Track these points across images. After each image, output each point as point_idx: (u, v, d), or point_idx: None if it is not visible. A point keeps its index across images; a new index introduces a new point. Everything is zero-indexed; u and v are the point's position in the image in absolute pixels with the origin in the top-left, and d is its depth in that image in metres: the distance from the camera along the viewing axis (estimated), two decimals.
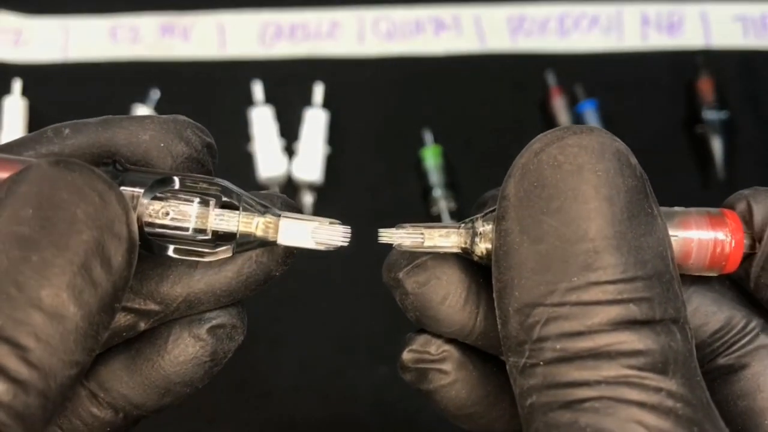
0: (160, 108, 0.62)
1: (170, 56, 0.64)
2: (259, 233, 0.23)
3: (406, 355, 0.25)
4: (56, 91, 0.63)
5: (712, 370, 0.24)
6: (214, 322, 0.24)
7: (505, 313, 0.21)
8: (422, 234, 0.24)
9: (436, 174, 0.59)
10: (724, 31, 0.63)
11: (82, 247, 0.19)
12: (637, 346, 0.20)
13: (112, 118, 0.24)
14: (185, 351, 0.24)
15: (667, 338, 0.20)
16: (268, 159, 0.60)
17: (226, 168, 0.65)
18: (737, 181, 0.59)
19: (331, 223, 0.24)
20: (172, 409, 0.25)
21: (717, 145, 0.59)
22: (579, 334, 0.20)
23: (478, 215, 0.24)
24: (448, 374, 0.25)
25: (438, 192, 0.58)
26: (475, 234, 0.23)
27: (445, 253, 0.24)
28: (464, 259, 0.24)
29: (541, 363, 0.20)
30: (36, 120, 0.62)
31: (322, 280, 0.57)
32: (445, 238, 0.24)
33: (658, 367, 0.19)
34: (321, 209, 0.60)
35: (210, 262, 0.24)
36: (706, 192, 0.59)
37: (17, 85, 0.62)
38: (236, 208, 0.23)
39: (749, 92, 0.62)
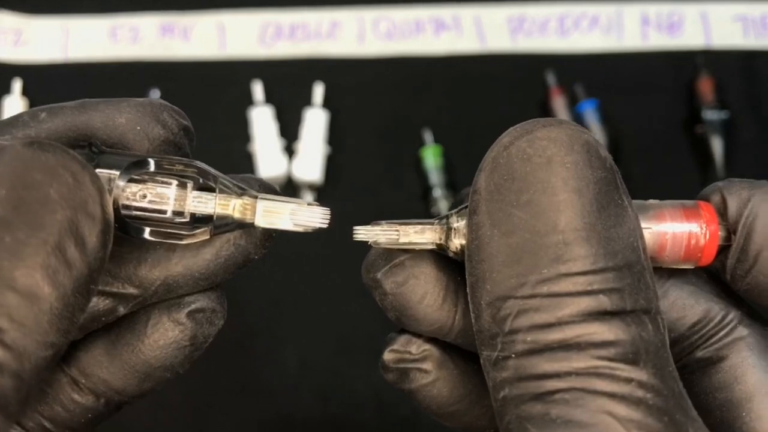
0: None
1: (170, 56, 0.64)
2: (237, 215, 0.23)
3: (387, 355, 0.26)
4: (56, 91, 0.63)
5: (691, 363, 0.24)
6: (193, 306, 0.24)
7: (478, 306, 0.21)
8: (397, 231, 0.24)
9: (436, 174, 0.59)
10: (724, 31, 0.63)
11: (56, 227, 0.19)
12: (607, 337, 0.19)
13: (88, 102, 0.24)
14: (164, 335, 0.24)
15: (638, 329, 0.20)
16: (268, 159, 0.60)
17: (226, 168, 0.65)
18: None
19: (309, 204, 0.24)
20: (173, 409, 0.25)
21: (717, 145, 0.59)
22: (549, 325, 0.20)
23: (452, 211, 0.24)
24: (429, 373, 0.25)
25: (438, 192, 0.58)
26: (449, 229, 0.23)
27: (423, 252, 0.25)
28: (442, 257, 0.24)
29: (513, 355, 0.20)
30: None
31: (322, 281, 0.57)
32: (420, 235, 0.24)
33: (628, 358, 0.19)
34: None
35: (188, 244, 0.23)
36: None
37: (17, 85, 0.62)
38: (213, 191, 0.23)
39: (749, 92, 0.62)
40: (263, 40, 0.65)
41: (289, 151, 0.61)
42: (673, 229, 0.23)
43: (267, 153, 0.60)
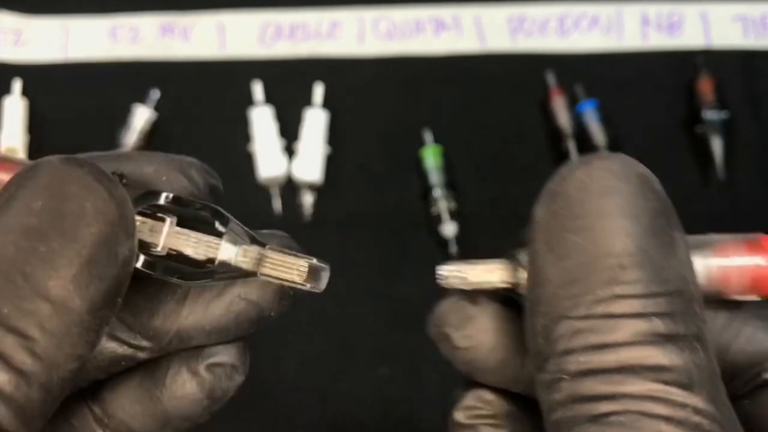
0: (160, 108, 0.62)
1: (170, 56, 0.64)
2: (240, 261, 0.22)
3: (459, 414, 0.26)
4: (56, 91, 0.63)
5: (755, 388, 0.24)
6: (212, 359, 0.24)
7: (533, 330, 0.21)
8: (464, 271, 0.24)
9: (436, 174, 0.59)
10: (724, 31, 0.63)
11: (90, 240, 0.19)
12: (661, 361, 0.20)
13: (123, 152, 0.24)
14: (183, 387, 0.24)
15: (691, 355, 0.20)
16: (268, 159, 0.60)
17: (226, 168, 0.65)
18: (737, 181, 0.59)
19: (317, 263, 0.23)
20: None
21: (717, 145, 0.59)
22: (604, 347, 0.20)
23: (519, 249, 0.24)
24: (502, 427, 0.25)
25: (438, 192, 0.58)
26: (518, 265, 0.24)
27: (492, 303, 0.25)
28: (508, 306, 0.25)
29: (567, 377, 0.20)
30: (36, 120, 0.62)
31: None
32: (490, 273, 0.24)
33: (683, 383, 0.19)
34: (321, 209, 0.60)
35: (197, 297, 0.23)
36: (706, 192, 0.59)
37: (17, 85, 0.62)
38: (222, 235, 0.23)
39: (749, 92, 0.62)
40: (263, 40, 0.65)
41: (289, 151, 0.61)
42: (737, 263, 0.24)
43: (267, 153, 0.60)
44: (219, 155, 0.61)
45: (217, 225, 0.23)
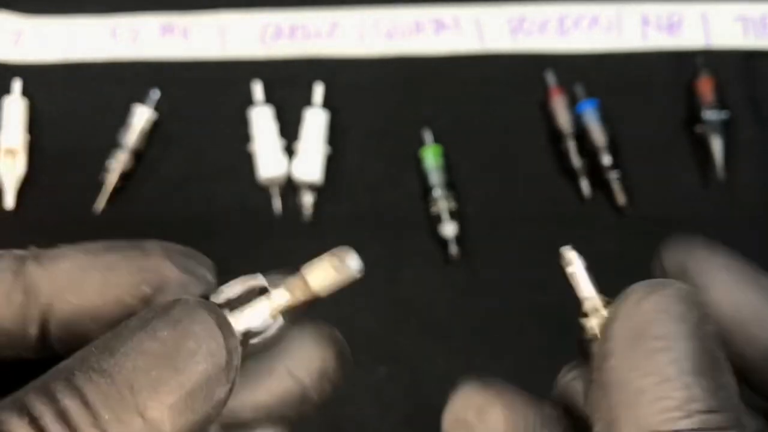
0: (160, 108, 0.62)
1: (170, 56, 0.64)
2: (294, 297, 0.25)
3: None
4: (56, 91, 0.63)
5: None
6: None
7: None
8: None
9: (436, 174, 0.59)
10: (724, 31, 0.63)
11: (195, 376, 0.21)
12: None
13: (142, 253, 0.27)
14: None
15: None
16: (268, 159, 0.60)
17: (226, 168, 0.66)
18: (737, 181, 0.59)
19: (340, 251, 0.25)
20: None
21: (717, 145, 0.59)
22: None
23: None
24: None
25: (438, 192, 0.58)
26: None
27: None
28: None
29: None
30: (36, 120, 0.62)
31: None
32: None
33: None
34: (321, 209, 0.60)
35: (247, 374, 0.25)
36: (706, 192, 0.59)
37: (17, 85, 0.62)
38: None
39: (749, 92, 0.62)
40: (263, 40, 0.65)
41: (289, 151, 0.61)
42: None
43: (267, 153, 0.60)
44: (219, 155, 0.62)
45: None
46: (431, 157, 0.59)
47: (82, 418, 0.20)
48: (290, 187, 0.60)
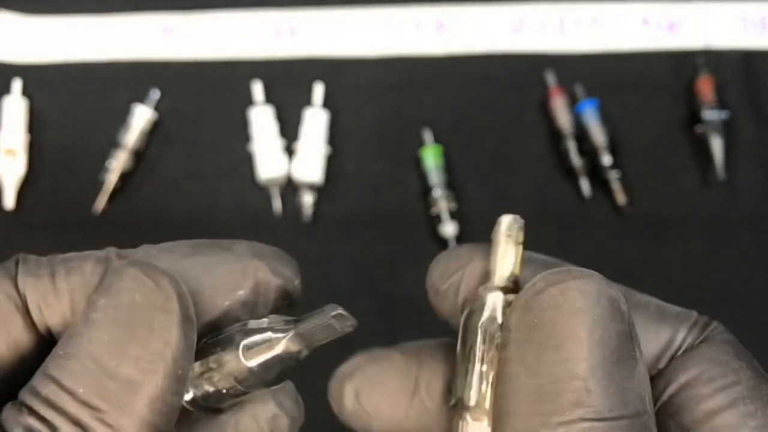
0: (160, 108, 0.62)
1: (170, 56, 0.64)
2: (289, 350, 0.24)
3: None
4: (56, 91, 0.63)
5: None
6: None
7: None
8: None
9: (436, 174, 0.59)
10: (724, 31, 0.63)
11: (143, 330, 0.22)
12: None
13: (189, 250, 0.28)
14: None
15: None
16: (268, 159, 0.60)
17: (226, 168, 0.65)
18: (737, 181, 0.59)
19: (335, 314, 0.26)
20: None
21: (717, 145, 0.59)
22: None
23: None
24: None
25: (438, 192, 0.58)
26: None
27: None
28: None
29: None
30: (36, 120, 0.62)
31: (322, 280, 0.57)
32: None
33: None
34: (321, 209, 0.60)
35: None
36: (706, 192, 0.59)
37: (17, 85, 0.62)
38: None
39: (749, 92, 0.62)
40: (263, 40, 0.65)
41: (289, 151, 0.61)
42: None
43: (267, 153, 0.60)
44: (219, 155, 0.61)
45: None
46: (431, 157, 0.59)
47: (60, 398, 0.21)
48: (290, 187, 0.60)
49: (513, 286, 0.25)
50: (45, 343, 0.24)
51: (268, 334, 0.24)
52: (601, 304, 0.22)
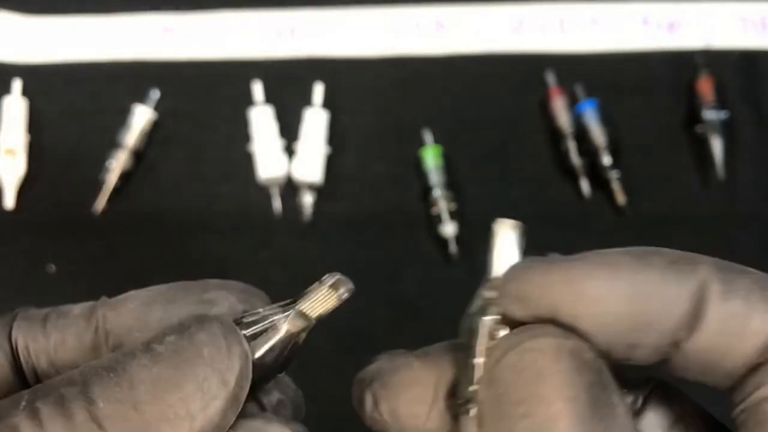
0: (160, 108, 0.62)
1: (170, 56, 0.64)
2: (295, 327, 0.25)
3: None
4: (56, 91, 0.63)
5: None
6: None
7: None
8: None
9: (436, 174, 0.59)
10: (724, 31, 0.63)
11: (195, 381, 0.22)
12: None
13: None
14: None
15: None
16: (268, 159, 0.60)
17: (226, 168, 0.65)
18: (737, 181, 0.59)
19: (329, 277, 0.26)
20: None
21: (717, 145, 0.59)
22: None
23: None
24: None
25: (438, 192, 0.58)
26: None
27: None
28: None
29: None
30: (36, 120, 0.62)
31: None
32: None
33: None
34: (321, 209, 0.60)
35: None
36: (706, 192, 0.59)
37: (17, 85, 0.62)
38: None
39: (749, 92, 0.62)
40: (263, 40, 0.65)
41: (289, 151, 0.61)
42: None
43: (267, 153, 0.60)
44: (219, 155, 0.61)
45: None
46: (431, 157, 0.59)
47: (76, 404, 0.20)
48: (290, 187, 0.60)
49: None
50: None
51: (269, 320, 0.24)
52: (563, 359, 0.21)
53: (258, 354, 0.23)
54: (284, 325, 0.24)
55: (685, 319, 0.22)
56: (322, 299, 0.26)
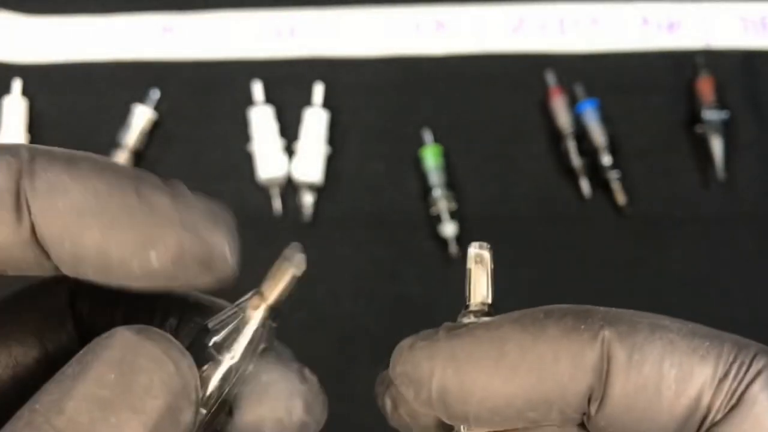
0: (160, 108, 0.62)
1: (170, 56, 0.64)
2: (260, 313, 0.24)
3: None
4: (56, 91, 0.63)
5: None
6: None
7: None
8: None
9: (436, 174, 0.59)
10: (724, 31, 0.63)
11: (156, 412, 0.20)
12: None
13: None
14: None
15: None
16: (268, 159, 0.60)
17: (226, 168, 0.65)
18: (737, 181, 0.59)
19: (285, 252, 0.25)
20: None
21: (717, 145, 0.59)
22: None
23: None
24: None
25: (438, 192, 0.58)
26: None
27: None
28: None
29: None
30: (36, 120, 0.62)
31: (322, 280, 0.57)
32: None
33: None
34: (321, 209, 0.60)
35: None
36: (706, 192, 0.59)
37: (17, 85, 0.62)
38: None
39: (749, 92, 0.62)
40: (263, 40, 0.65)
41: (289, 151, 0.61)
42: None
43: (267, 153, 0.60)
44: (219, 155, 0.61)
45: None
46: (431, 157, 0.59)
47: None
48: (290, 187, 0.60)
49: (488, 310, 0.25)
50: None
51: (230, 318, 0.24)
52: None
53: (234, 356, 0.23)
54: (252, 321, 0.24)
55: (586, 395, 0.21)
56: (279, 275, 0.25)
